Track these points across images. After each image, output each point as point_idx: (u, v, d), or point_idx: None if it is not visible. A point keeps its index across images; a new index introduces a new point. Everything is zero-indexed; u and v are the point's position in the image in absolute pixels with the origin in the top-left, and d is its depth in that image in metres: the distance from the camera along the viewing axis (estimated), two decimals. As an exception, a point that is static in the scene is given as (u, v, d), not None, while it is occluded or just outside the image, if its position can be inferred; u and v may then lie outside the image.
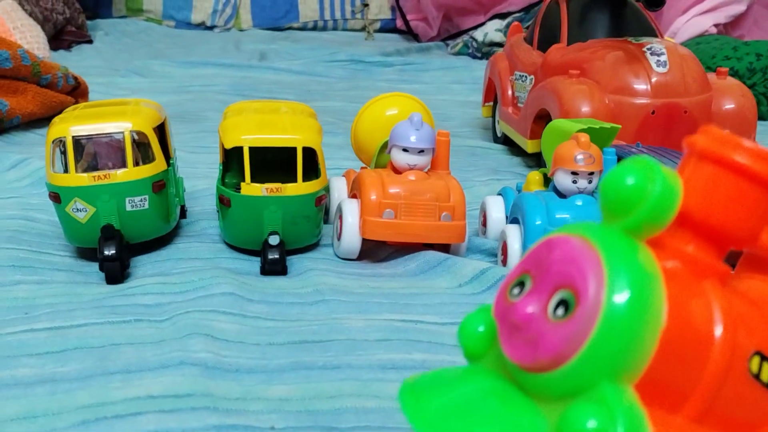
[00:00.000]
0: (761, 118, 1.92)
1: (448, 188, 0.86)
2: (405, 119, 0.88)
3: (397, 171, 0.87)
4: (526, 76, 1.47)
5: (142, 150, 0.81)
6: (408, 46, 2.76)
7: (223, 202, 0.82)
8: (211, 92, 1.91)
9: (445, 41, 2.85)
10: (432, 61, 2.49)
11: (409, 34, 3.00)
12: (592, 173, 0.82)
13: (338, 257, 0.87)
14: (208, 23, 2.96)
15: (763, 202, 0.34)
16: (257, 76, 2.14)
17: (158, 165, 0.81)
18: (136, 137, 0.80)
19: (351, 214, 0.85)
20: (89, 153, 0.81)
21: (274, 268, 0.81)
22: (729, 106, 1.26)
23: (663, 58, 1.24)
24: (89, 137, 0.79)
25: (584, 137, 0.82)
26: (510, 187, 0.97)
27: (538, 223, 0.82)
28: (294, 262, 0.85)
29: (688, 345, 0.30)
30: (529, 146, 1.38)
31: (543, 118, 1.32)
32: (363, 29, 3.07)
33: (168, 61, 2.22)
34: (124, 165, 0.78)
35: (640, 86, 1.23)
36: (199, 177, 1.14)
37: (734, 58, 1.95)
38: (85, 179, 0.77)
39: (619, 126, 0.91)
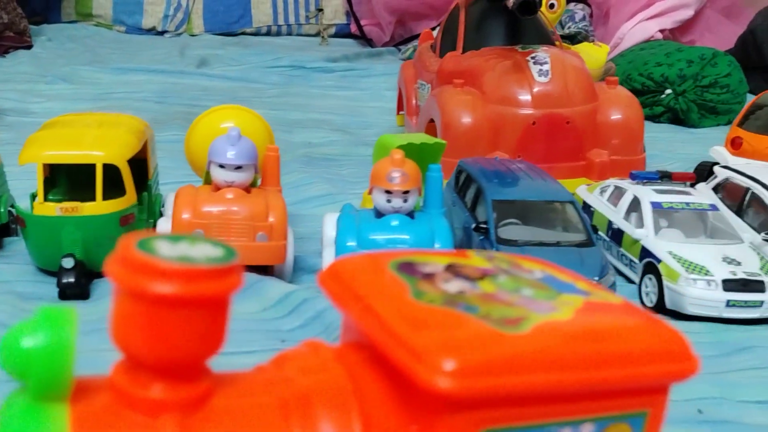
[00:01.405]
0: (692, 125, 1.88)
1: (267, 206, 0.83)
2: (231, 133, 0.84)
3: (217, 188, 0.84)
4: (425, 85, 1.43)
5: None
6: (359, 51, 2.72)
7: (18, 222, 0.78)
8: (131, 99, 1.87)
9: (398, 46, 2.81)
10: (375, 66, 2.46)
11: (363, 39, 2.97)
12: (407, 192, 0.79)
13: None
14: (159, 28, 2.93)
15: (207, 317, 0.30)
16: (188, 82, 2.11)
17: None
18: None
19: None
20: None
21: (71, 293, 0.77)
22: (616, 116, 1.21)
23: (546, 67, 1.19)
24: None
25: (398, 154, 0.78)
26: (351, 204, 0.93)
27: (350, 244, 0.78)
28: (102, 285, 0.81)
29: None
30: (424, 157, 1.34)
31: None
32: (317, 34, 3.03)
33: (101, 67, 2.19)
34: None
35: (521, 96, 1.18)
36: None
37: (665, 64, 1.91)
38: None
39: (445, 142, 0.87)
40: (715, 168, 1.05)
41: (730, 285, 0.81)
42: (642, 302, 0.88)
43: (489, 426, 0.33)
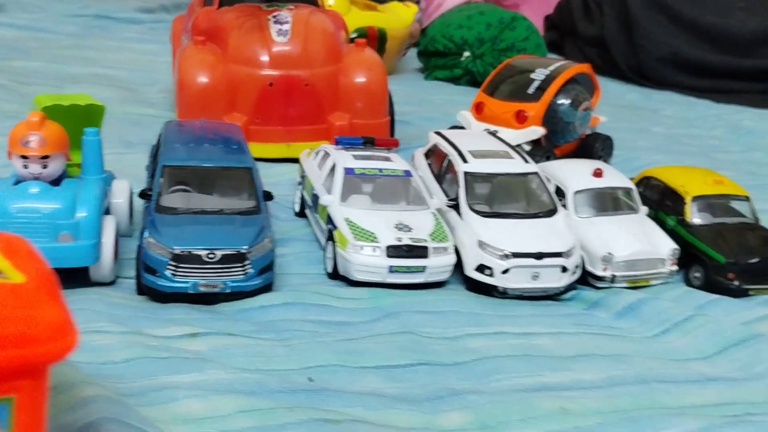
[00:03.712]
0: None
1: None
2: None
3: None
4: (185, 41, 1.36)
5: None
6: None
7: None
8: None
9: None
10: (189, 19, 2.35)
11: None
12: (47, 157, 0.73)
13: None
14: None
15: None
16: (-35, 31, 1.93)
17: None
18: None
19: None
20: None
21: None
22: (360, 79, 1.20)
23: (286, 27, 1.16)
24: None
25: (36, 116, 0.73)
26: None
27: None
28: None
29: None
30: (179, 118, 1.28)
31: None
32: (144, -18, 2.85)
33: None
34: None
35: (259, 57, 1.15)
36: None
37: (466, 27, 1.92)
38: None
39: (103, 105, 0.82)
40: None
41: (393, 251, 0.82)
42: (326, 269, 0.87)
43: None
